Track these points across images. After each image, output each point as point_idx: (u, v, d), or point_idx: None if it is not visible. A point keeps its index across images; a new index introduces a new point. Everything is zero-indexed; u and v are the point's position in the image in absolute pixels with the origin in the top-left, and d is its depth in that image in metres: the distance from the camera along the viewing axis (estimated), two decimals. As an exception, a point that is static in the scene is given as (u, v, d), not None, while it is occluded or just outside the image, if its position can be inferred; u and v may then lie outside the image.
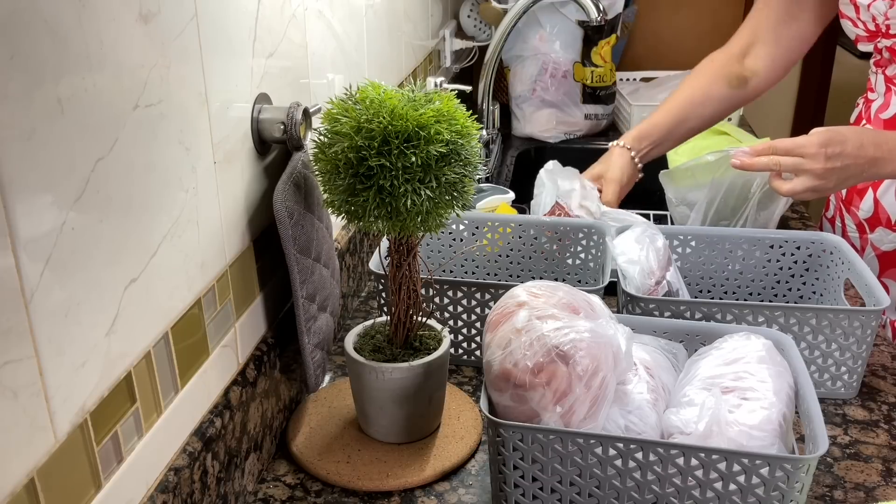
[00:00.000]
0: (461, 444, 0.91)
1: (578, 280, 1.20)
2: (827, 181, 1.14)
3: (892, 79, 1.32)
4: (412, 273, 0.86)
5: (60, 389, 0.54)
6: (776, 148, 1.17)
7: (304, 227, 0.86)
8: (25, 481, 0.51)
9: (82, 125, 0.55)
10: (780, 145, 1.17)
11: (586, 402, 0.75)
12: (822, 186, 1.14)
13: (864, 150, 1.13)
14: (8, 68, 0.47)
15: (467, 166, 0.80)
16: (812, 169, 1.13)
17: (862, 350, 0.97)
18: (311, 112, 0.86)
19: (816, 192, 1.15)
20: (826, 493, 0.86)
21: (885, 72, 1.33)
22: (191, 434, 0.73)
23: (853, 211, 1.41)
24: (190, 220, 0.71)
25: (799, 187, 1.15)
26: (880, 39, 1.28)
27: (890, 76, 1.32)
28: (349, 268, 1.18)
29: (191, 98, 0.70)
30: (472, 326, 1.07)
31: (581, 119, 1.98)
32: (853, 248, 1.11)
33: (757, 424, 0.75)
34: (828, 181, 1.14)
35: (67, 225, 0.54)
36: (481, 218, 1.21)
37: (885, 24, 1.24)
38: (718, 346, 0.86)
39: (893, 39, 1.26)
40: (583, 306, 0.79)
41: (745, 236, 1.15)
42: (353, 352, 0.88)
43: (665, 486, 0.74)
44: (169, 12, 0.65)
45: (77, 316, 0.55)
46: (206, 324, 0.75)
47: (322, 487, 0.87)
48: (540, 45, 1.93)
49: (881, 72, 1.34)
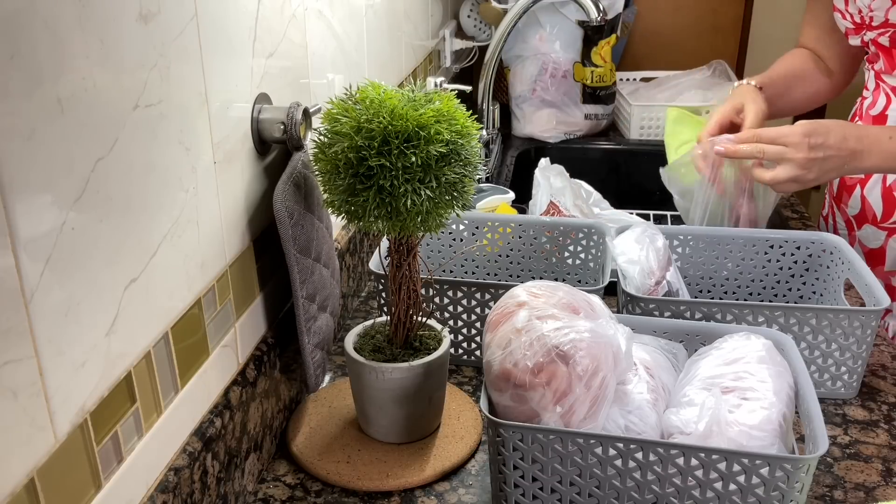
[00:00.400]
0: (461, 444, 0.91)
1: (578, 280, 1.20)
2: (808, 171, 1.14)
3: (880, 74, 1.32)
4: (412, 273, 0.86)
5: (60, 389, 0.54)
6: (760, 136, 1.18)
7: (304, 227, 0.86)
8: (25, 481, 0.51)
9: (82, 125, 0.55)
10: (764, 134, 1.18)
11: (586, 402, 0.75)
12: (803, 177, 1.15)
13: (846, 143, 1.14)
14: (8, 68, 0.47)
15: (467, 166, 0.80)
16: (794, 158, 1.14)
17: (862, 350, 0.97)
18: (311, 112, 0.86)
19: (797, 182, 1.16)
20: (826, 493, 0.86)
21: (873, 67, 1.34)
22: (191, 434, 0.73)
23: (843, 208, 1.42)
24: (190, 220, 0.71)
25: (781, 176, 1.16)
26: (865, 32, 1.29)
27: (878, 71, 1.33)
28: (349, 268, 1.18)
29: (191, 98, 0.70)
30: (472, 326, 1.07)
31: (581, 119, 1.98)
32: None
33: (757, 424, 0.75)
34: (809, 171, 1.14)
35: (67, 225, 0.54)
36: (481, 218, 1.21)
37: (869, 15, 1.25)
38: (718, 346, 0.86)
39: (877, 31, 1.26)
40: (583, 306, 0.79)
41: (744, 236, 1.15)
42: (353, 352, 0.88)
43: (665, 486, 0.74)
44: (169, 12, 0.65)
45: (77, 316, 0.55)
46: (206, 324, 0.75)
47: (322, 487, 0.87)
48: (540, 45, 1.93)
49: (871, 68, 1.35)
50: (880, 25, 1.25)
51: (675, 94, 2.03)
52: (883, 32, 1.26)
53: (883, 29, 1.25)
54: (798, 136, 1.14)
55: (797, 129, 1.15)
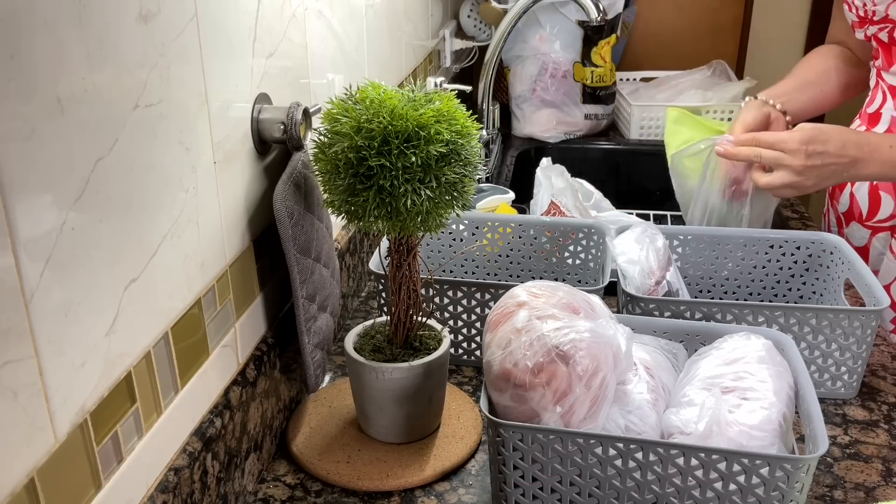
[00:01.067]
0: (461, 444, 0.91)
1: (578, 280, 1.20)
2: (805, 178, 1.14)
3: (880, 71, 1.32)
4: (412, 273, 0.86)
5: (60, 389, 0.54)
6: (759, 140, 1.18)
7: (304, 227, 0.86)
8: (25, 481, 0.51)
9: (82, 125, 0.55)
10: (763, 138, 1.18)
11: (586, 402, 0.75)
12: (800, 183, 1.15)
13: (846, 151, 1.14)
14: (8, 68, 0.47)
15: (467, 166, 0.80)
16: (791, 165, 1.14)
17: (862, 350, 0.97)
18: (311, 112, 0.86)
19: (794, 188, 1.16)
20: (826, 493, 0.86)
21: (875, 64, 1.34)
22: (191, 434, 0.73)
23: (835, 205, 1.42)
24: (190, 220, 0.71)
25: (776, 181, 1.16)
26: (868, 26, 1.29)
27: (878, 68, 1.32)
28: (349, 268, 1.18)
29: (191, 98, 0.70)
30: (472, 326, 1.07)
31: (581, 119, 1.98)
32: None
33: (757, 424, 0.75)
34: (806, 178, 1.14)
35: (67, 225, 0.54)
36: (481, 218, 1.21)
37: (872, 9, 1.25)
38: (718, 346, 0.86)
39: (878, 26, 1.26)
40: (583, 306, 0.79)
41: (745, 236, 1.15)
42: (353, 352, 0.88)
43: (665, 486, 0.74)
44: (169, 12, 0.65)
45: (77, 316, 0.55)
46: (206, 324, 0.75)
47: (322, 487, 0.87)
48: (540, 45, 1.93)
49: (874, 64, 1.35)
50: (881, 21, 1.25)
51: (675, 94, 2.03)
52: (882, 28, 1.26)
53: (883, 24, 1.25)
54: (796, 143, 1.14)
55: (796, 135, 1.14)
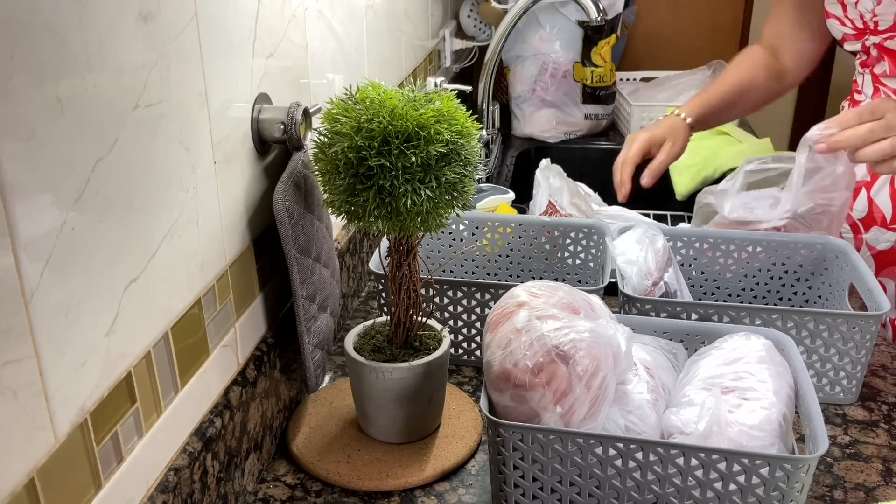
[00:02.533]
0: (461, 444, 0.91)
1: (578, 280, 1.20)
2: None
3: (880, 77, 1.32)
4: (412, 273, 0.86)
5: (60, 389, 0.54)
6: (862, 116, 1.07)
7: (304, 227, 0.86)
8: (25, 481, 0.51)
9: (82, 125, 0.55)
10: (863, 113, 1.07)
11: (586, 402, 0.75)
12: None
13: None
14: (8, 68, 0.47)
15: (467, 166, 0.80)
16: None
17: (861, 355, 0.96)
18: (311, 112, 0.86)
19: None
20: (826, 493, 0.86)
21: (872, 70, 1.33)
22: (191, 434, 0.73)
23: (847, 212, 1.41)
24: (190, 220, 0.71)
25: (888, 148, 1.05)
26: (868, 37, 1.29)
27: (878, 74, 1.32)
28: (349, 268, 1.18)
29: (191, 98, 0.70)
30: (472, 326, 1.07)
31: (581, 119, 1.98)
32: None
33: (757, 424, 0.75)
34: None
35: (67, 225, 0.54)
36: (481, 218, 1.21)
37: (874, 20, 1.25)
38: (718, 346, 0.86)
39: (881, 36, 1.26)
40: (583, 306, 0.79)
41: (748, 238, 1.14)
42: (353, 352, 0.88)
43: (665, 486, 0.74)
44: (169, 12, 0.65)
45: (77, 316, 0.55)
46: (206, 324, 0.75)
47: (322, 487, 0.87)
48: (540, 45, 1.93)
49: (868, 71, 1.34)
50: (888, 29, 1.25)
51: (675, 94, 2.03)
52: (891, 36, 1.25)
53: (891, 33, 1.25)
54: (883, 103, 1.05)
55: (868, 104, 1.07)
